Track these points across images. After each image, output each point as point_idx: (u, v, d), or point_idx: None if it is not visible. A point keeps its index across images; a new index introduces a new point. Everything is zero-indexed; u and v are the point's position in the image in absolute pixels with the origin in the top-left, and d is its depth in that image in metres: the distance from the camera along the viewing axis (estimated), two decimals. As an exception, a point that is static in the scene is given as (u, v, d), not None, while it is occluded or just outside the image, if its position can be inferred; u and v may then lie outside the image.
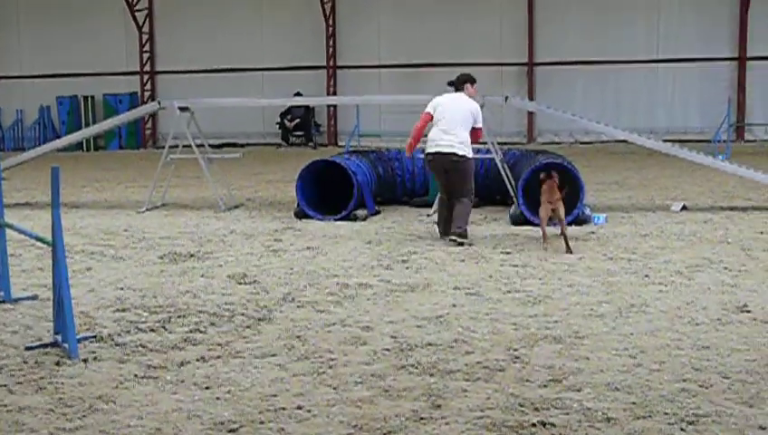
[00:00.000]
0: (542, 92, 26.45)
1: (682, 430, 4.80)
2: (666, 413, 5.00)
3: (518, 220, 11.26)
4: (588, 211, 11.47)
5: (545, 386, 5.46)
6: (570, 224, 10.98)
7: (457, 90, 10.63)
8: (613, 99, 26.28)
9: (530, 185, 11.19)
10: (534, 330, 6.64)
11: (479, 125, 10.52)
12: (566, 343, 6.32)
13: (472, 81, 10.76)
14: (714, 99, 25.44)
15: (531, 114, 26.07)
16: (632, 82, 26.43)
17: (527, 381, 5.55)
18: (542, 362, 5.90)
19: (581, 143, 24.37)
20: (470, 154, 10.34)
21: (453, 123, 10.26)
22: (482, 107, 12.48)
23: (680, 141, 16.87)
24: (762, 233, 10.52)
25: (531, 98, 25.79)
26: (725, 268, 8.64)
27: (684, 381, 5.51)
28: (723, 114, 24.00)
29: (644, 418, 4.96)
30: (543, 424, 4.90)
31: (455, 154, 10.19)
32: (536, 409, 5.10)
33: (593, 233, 10.69)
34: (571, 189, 11.18)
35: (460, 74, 10.88)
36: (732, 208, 12.32)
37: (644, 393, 5.30)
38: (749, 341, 6.29)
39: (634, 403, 5.15)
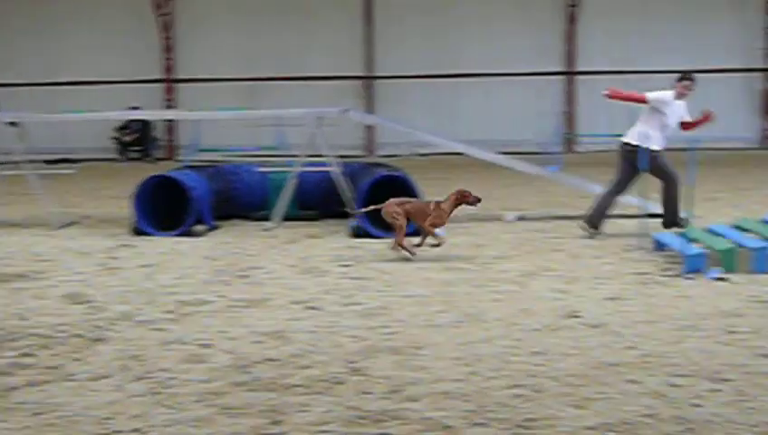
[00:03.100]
0: (382, 106, 26.75)
1: (516, 434, 4.94)
2: (501, 419, 5.14)
3: (357, 233, 11.33)
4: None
5: (384, 397, 5.51)
6: (408, 235, 11.15)
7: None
8: (451, 112, 26.80)
9: (369, 197, 11.30)
10: (373, 342, 6.69)
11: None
12: (405, 353, 6.39)
13: (679, 79, 11.13)
14: (545, 112, 26.30)
15: (370, 127, 26.33)
16: (469, 96, 27.02)
17: (366, 393, 5.59)
18: (382, 373, 5.96)
19: (420, 156, 24.72)
20: (648, 145, 10.80)
21: (640, 117, 11.14)
22: (320, 120, 12.59)
23: (515, 153, 17.34)
24: (591, 241, 10.91)
25: (370, 111, 26.05)
26: (557, 276, 8.93)
27: (518, 386, 5.67)
28: (554, 126, 24.88)
29: (480, 425, 5.07)
30: (383, 435, 4.96)
31: (627, 144, 11.02)
32: (376, 420, 5.15)
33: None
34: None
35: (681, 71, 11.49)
36: (563, 218, 12.74)
37: (480, 400, 5.43)
38: (579, 345, 6.52)
39: (471, 410, 5.27)
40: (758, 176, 17.85)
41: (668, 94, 11.04)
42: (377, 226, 11.25)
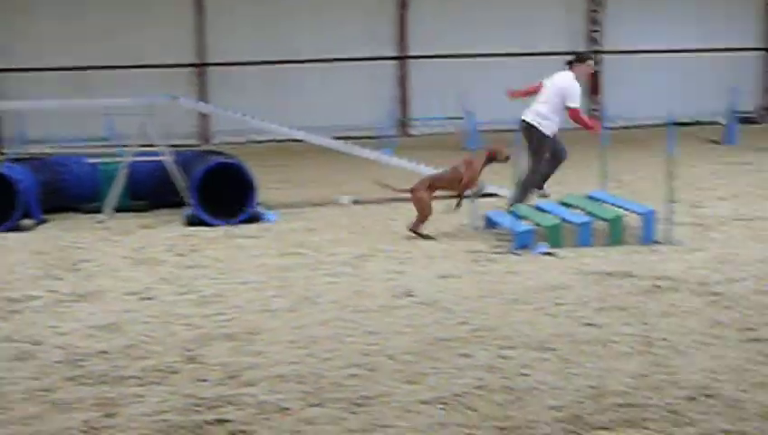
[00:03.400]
0: (218, 93, 26.40)
1: (352, 413, 5.02)
2: (337, 398, 5.21)
3: (192, 221, 11.21)
4: (261, 209, 11.62)
5: (221, 384, 5.51)
6: (243, 222, 11.12)
7: (570, 68, 11.06)
8: (288, 98, 26.66)
9: (202, 185, 11.21)
10: (209, 329, 6.66)
11: (571, 104, 10.81)
12: (241, 339, 6.40)
13: (581, 59, 11.22)
14: (380, 96, 26.56)
15: (204, 115, 26.00)
16: (304, 82, 26.98)
17: (202, 380, 5.58)
18: (217, 360, 5.95)
19: (257, 143, 24.59)
20: (543, 128, 10.77)
21: (539, 97, 10.96)
22: (150, 108, 12.37)
23: (351, 138, 17.46)
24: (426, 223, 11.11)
25: (204, 99, 25.69)
26: (391, 257, 9.08)
27: (353, 366, 5.76)
28: (388, 111, 25.16)
29: (317, 405, 5.14)
30: (219, 421, 4.95)
31: (525, 121, 10.85)
32: (212, 407, 5.14)
33: (267, 230, 10.85)
34: (244, 189, 11.35)
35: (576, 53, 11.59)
36: (397, 200, 12.89)
37: (316, 381, 5.49)
38: (412, 323, 6.67)
39: (307, 392, 5.33)
40: (583, 154, 18.50)
41: (574, 83, 11.03)
42: (211, 213, 11.16)
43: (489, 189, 11.80)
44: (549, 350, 6.00)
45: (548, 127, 10.98)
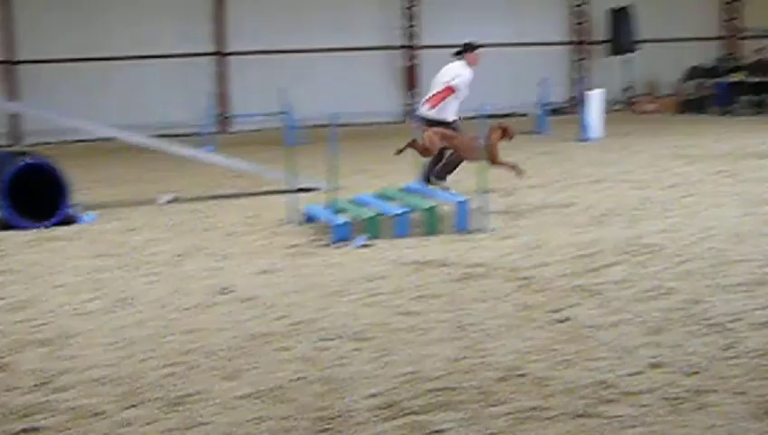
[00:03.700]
0: (29, 92, 25.47)
1: (170, 412, 4.99)
2: (155, 398, 5.18)
3: (2, 225, 10.79)
4: (75, 210, 11.30)
5: (32, 391, 5.37)
6: (57, 224, 10.79)
7: (461, 58, 11.95)
8: (105, 96, 25.96)
9: (13, 187, 10.80)
10: (20, 336, 6.46)
11: (450, 82, 11.61)
12: (54, 344, 6.24)
13: (471, 48, 12.02)
14: (198, 93, 26.23)
15: (14, 115, 25.04)
16: (122, 79, 26.37)
17: (12, 389, 5.42)
18: (29, 366, 5.79)
19: (72, 142, 23.88)
20: (440, 117, 11.54)
21: (431, 89, 11.93)
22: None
23: (170, 136, 17.22)
24: (245, 217, 11.09)
25: (14, 98, 24.74)
26: (210, 254, 9.02)
27: (171, 365, 5.72)
28: (206, 107, 24.88)
29: (133, 407, 5.08)
30: (31, 430, 4.83)
31: (422, 117, 11.78)
32: (22, 416, 5.01)
33: (82, 232, 10.56)
34: (56, 190, 11.02)
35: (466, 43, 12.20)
36: (218, 197, 12.84)
37: (133, 383, 5.42)
38: (231, 320, 6.68)
39: (123, 394, 5.26)
40: (395, 147, 18.87)
41: (464, 70, 11.86)
42: (22, 216, 10.78)
43: (308, 184, 11.91)
44: (366, 340, 6.11)
45: (446, 112, 11.47)
